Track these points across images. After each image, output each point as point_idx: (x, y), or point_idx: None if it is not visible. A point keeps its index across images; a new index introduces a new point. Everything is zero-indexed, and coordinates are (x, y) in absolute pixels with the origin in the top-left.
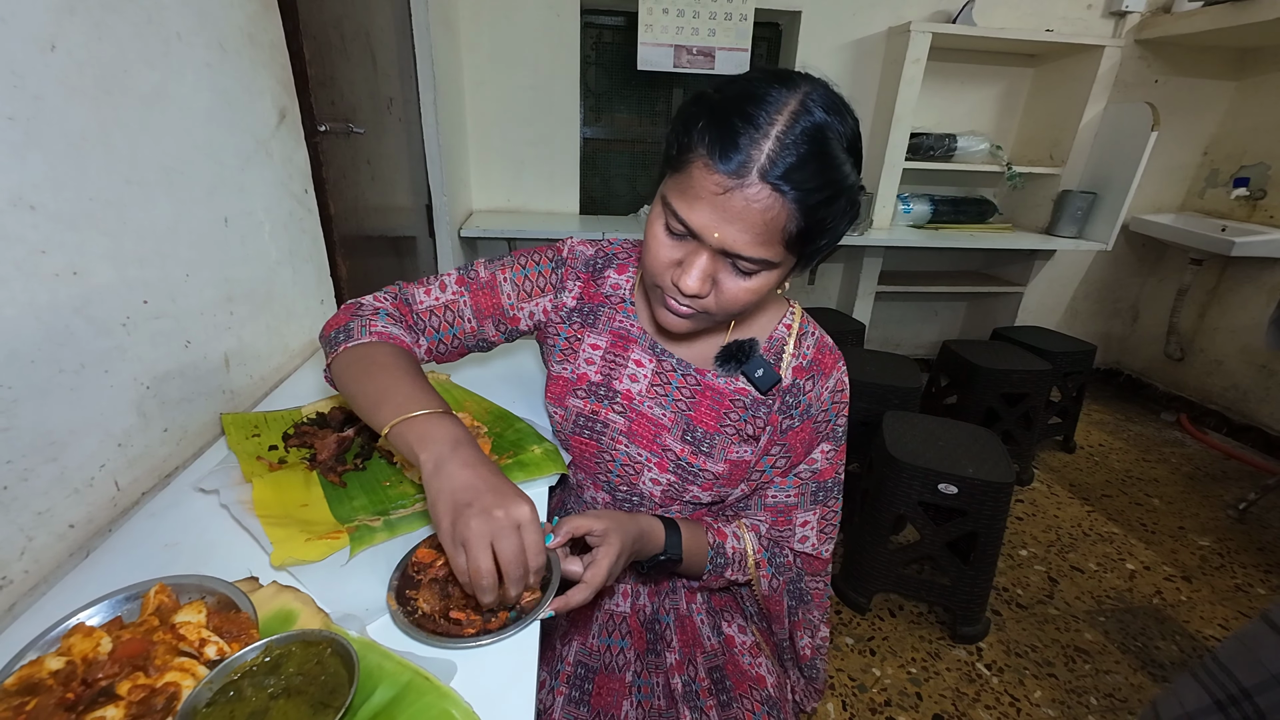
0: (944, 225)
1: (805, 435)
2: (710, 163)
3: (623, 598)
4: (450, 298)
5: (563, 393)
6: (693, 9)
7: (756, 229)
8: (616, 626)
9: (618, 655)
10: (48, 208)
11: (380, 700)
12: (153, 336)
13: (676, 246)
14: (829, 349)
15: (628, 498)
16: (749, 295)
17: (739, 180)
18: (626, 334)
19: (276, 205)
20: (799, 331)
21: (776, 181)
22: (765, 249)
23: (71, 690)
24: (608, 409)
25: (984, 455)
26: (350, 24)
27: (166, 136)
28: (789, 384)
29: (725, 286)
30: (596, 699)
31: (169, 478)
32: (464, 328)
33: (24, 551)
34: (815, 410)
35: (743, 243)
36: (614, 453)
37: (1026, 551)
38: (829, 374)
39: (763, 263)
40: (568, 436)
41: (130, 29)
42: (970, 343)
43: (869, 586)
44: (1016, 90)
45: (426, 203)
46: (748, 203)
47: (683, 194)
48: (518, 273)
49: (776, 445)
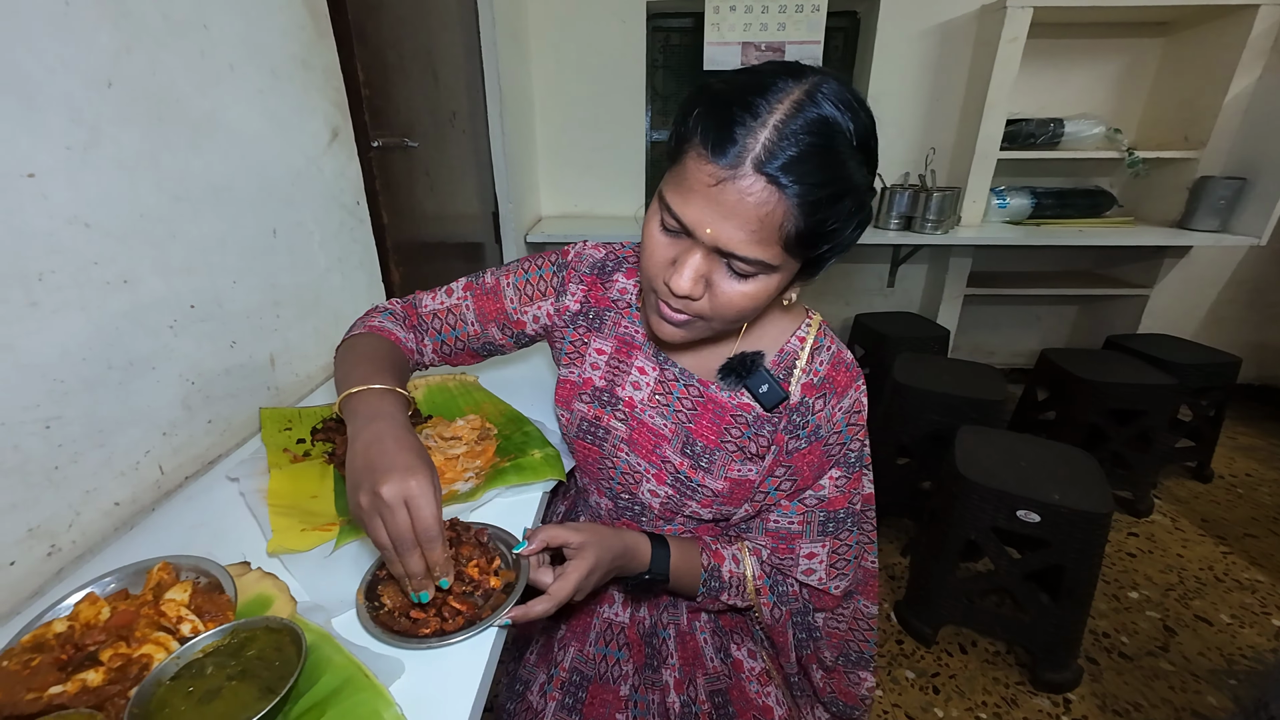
0: (1047, 220)
1: (814, 459)
2: (704, 153)
3: (622, 607)
4: (454, 302)
5: (569, 396)
6: (761, 4)
7: (751, 226)
8: (614, 636)
9: (614, 666)
10: (101, 224)
11: (321, 692)
12: (198, 338)
13: (671, 245)
14: (845, 366)
15: (629, 506)
16: (745, 301)
17: (732, 171)
18: (631, 340)
19: (326, 216)
20: (813, 346)
21: (773, 174)
22: (761, 249)
23: (65, 652)
24: (610, 415)
25: (1076, 480)
26: (410, 45)
27: (216, 158)
28: (797, 402)
29: (720, 290)
30: (589, 709)
31: (211, 464)
32: (467, 330)
33: (72, 524)
34: (825, 432)
35: (737, 240)
36: (615, 460)
37: (1137, 594)
38: (843, 393)
39: (759, 264)
40: (572, 440)
41: (183, 63)
42: (1074, 352)
43: (935, 617)
44: (1141, 65)
45: (493, 210)
46: (741, 196)
47: (677, 187)
48: (520, 277)
49: (781, 467)
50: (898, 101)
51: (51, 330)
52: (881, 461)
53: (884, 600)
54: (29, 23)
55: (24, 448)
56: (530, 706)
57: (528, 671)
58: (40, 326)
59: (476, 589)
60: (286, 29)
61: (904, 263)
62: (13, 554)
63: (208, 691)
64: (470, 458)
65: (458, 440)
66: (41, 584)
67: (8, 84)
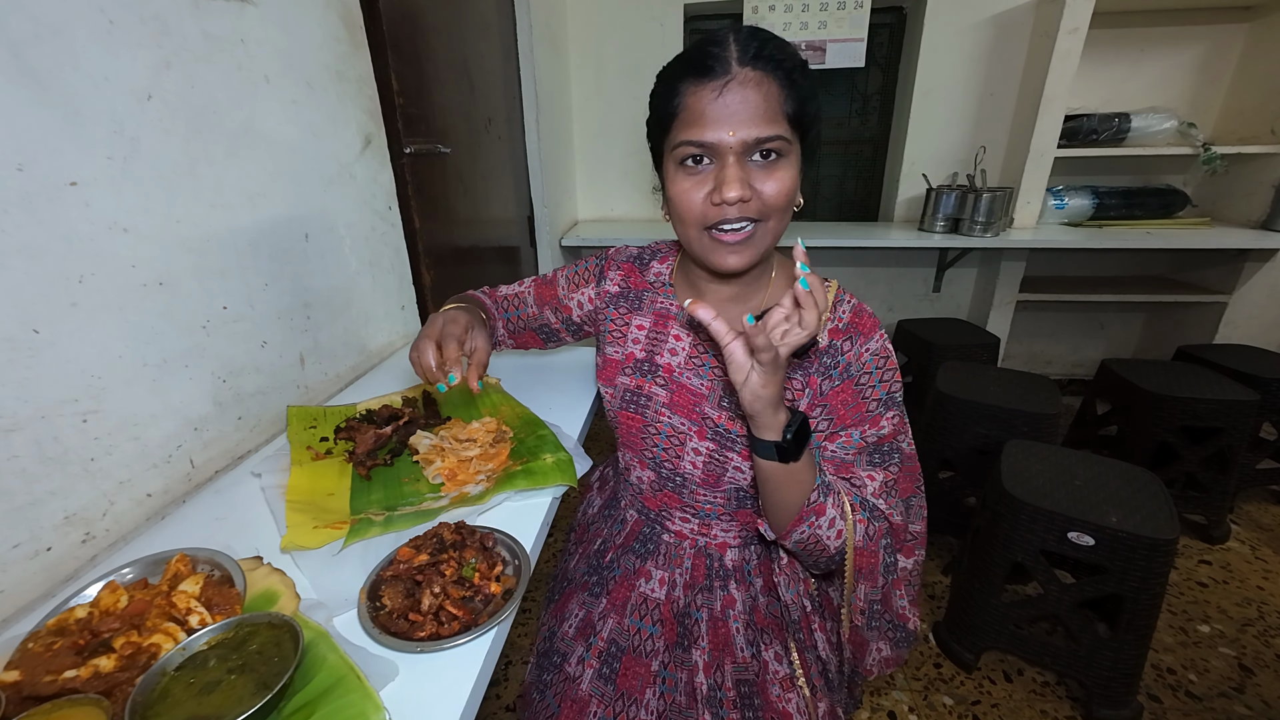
0: (1111, 221)
1: (847, 396)
2: (699, 83)
3: (659, 584)
4: (521, 290)
5: (613, 372)
6: (801, 2)
7: (759, 109)
8: (649, 611)
9: (646, 640)
10: (139, 230)
11: (313, 691)
12: (231, 337)
13: (702, 180)
14: (867, 314)
15: (671, 477)
16: (785, 184)
17: (727, 77)
18: (667, 313)
19: (358, 221)
20: (834, 299)
21: (754, 61)
22: (775, 125)
23: (83, 637)
24: (650, 383)
25: (1137, 501)
26: (446, 53)
27: (251, 166)
28: (825, 345)
29: (761, 188)
30: (622, 679)
31: (240, 459)
32: (526, 312)
33: (106, 513)
34: (855, 370)
35: (757, 124)
36: (658, 425)
37: (1209, 628)
38: (868, 335)
39: (780, 140)
40: (616, 413)
41: (220, 77)
42: (1140, 363)
43: (977, 641)
44: (1221, 53)
45: (528, 214)
46: (743, 90)
47: (689, 125)
48: (570, 271)
49: (818, 407)
50: (946, 98)
51: (91, 329)
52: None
53: (922, 621)
54: (76, 41)
55: (63, 439)
56: (568, 676)
57: (565, 645)
58: (80, 325)
59: (476, 594)
60: (322, 41)
61: (951, 266)
62: (50, 539)
63: (208, 684)
64: (484, 460)
65: (472, 443)
66: (76, 569)
67: (55, 98)
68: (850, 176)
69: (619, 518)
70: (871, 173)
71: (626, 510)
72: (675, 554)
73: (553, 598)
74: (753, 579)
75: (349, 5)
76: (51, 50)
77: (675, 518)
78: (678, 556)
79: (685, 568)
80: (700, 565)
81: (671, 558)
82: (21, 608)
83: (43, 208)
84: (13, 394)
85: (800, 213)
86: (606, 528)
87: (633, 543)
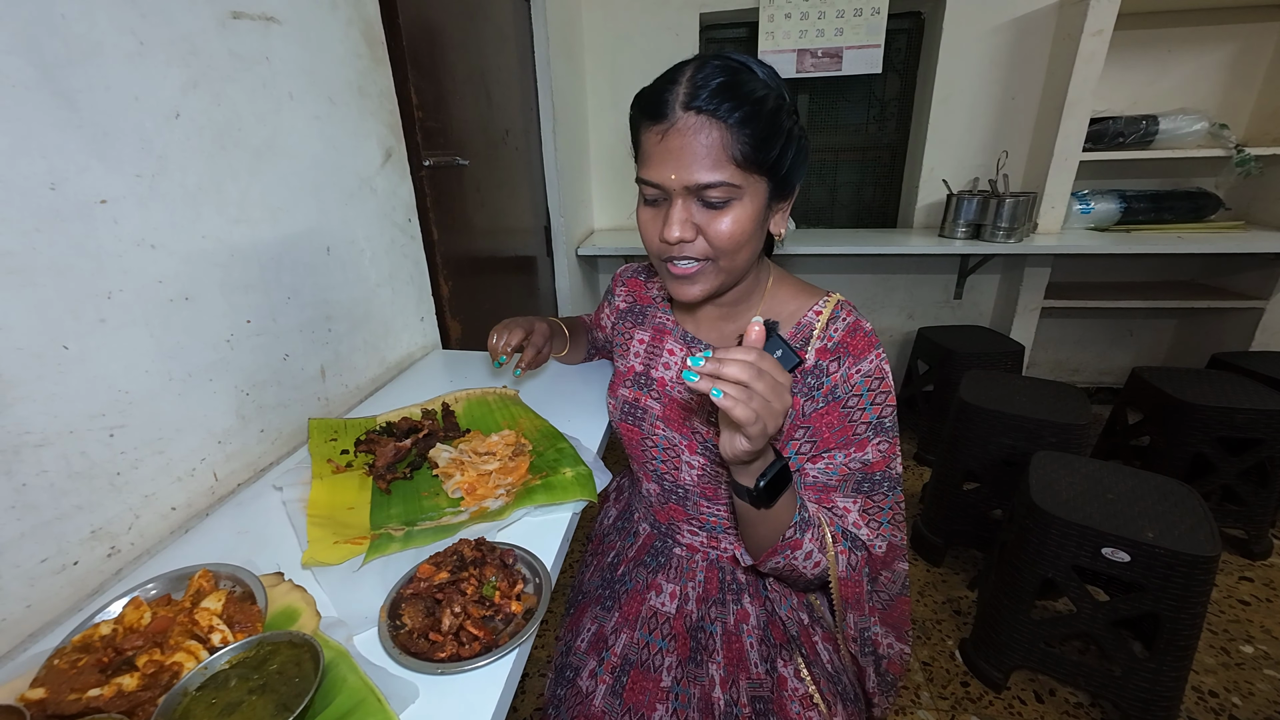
0: (1139, 226)
1: (833, 419)
2: (648, 124)
3: (670, 598)
4: (593, 313)
5: (617, 385)
6: (818, 9)
7: (699, 155)
8: (659, 626)
9: (655, 655)
10: (166, 246)
11: (334, 714)
12: (253, 351)
13: (657, 215)
14: (862, 333)
15: (674, 489)
16: (733, 228)
17: (669, 121)
18: (663, 327)
19: (378, 234)
20: (829, 317)
21: (699, 106)
22: (718, 171)
23: (107, 655)
24: (646, 395)
25: (1174, 516)
26: (464, 67)
27: (275, 182)
28: (811, 365)
29: (708, 228)
30: (630, 695)
31: (262, 472)
32: (595, 334)
33: (131, 527)
34: (843, 393)
35: (696, 172)
36: (654, 437)
37: (1253, 648)
38: (860, 357)
39: (725, 186)
40: (618, 424)
41: (245, 95)
42: (1174, 371)
43: (1006, 659)
44: (1254, 52)
45: (545, 224)
46: (682, 135)
47: (643, 162)
48: (604, 296)
49: (800, 429)
50: (966, 103)
51: (118, 344)
52: (947, 486)
53: (947, 638)
54: (108, 62)
55: (90, 454)
56: (580, 691)
57: (578, 659)
58: (107, 341)
59: (497, 613)
60: (344, 58)
61: (973, 273)
62: (77, 553)
63: (228, 704)
64: (503, 474)
65: (491, 456)
66: (101, 583)
67: (86, 118)
68: (868, 183)
69: (632, 530)
70: (890, 179)
71: (639, 524)
72: (687, 567)
73: (569, 611)
74: (767, 593)
75: (370, 22)
76: (83, 72)
77: (684, 531)
78: (689, 570)
79: (698, 581)
80: (713, 578)
81: (683, 571)
82: (48, 622)
83: (73, 226)
84: (42, 409)
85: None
86: (620, 540)
87: (644, 556)
